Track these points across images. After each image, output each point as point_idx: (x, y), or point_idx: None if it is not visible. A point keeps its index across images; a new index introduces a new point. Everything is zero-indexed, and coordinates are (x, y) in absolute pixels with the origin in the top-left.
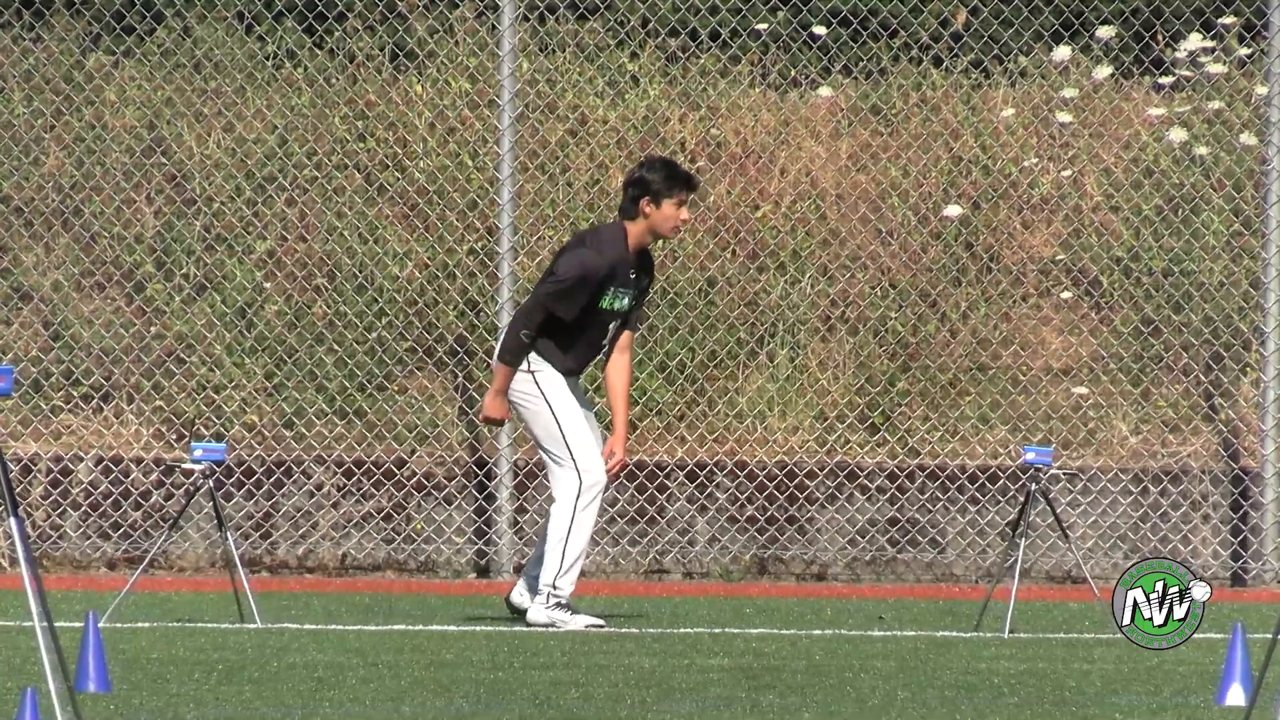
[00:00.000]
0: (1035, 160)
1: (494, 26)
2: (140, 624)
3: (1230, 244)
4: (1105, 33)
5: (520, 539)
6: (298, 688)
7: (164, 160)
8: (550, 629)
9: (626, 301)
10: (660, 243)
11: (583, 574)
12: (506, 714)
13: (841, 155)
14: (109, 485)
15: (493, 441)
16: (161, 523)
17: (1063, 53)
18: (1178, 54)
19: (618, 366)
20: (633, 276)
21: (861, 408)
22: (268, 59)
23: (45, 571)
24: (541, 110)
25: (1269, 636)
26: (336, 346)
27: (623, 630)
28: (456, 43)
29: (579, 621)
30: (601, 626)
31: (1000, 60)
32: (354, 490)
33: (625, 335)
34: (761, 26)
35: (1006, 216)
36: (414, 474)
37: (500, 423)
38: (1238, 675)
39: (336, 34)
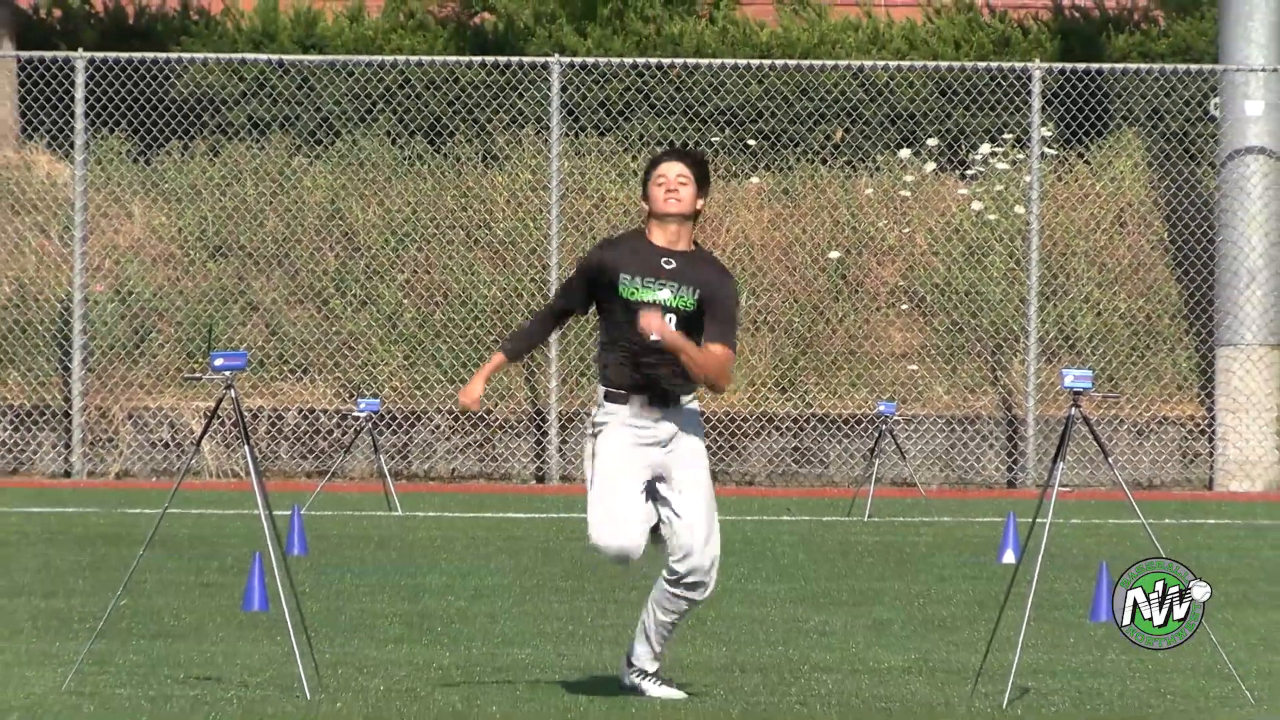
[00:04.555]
0: (886, 223)
1: (546, 140)
2: (326, 512)
3: (1006, 275)
4: (932, 142)
5: (563, 459)
6: (424, 552)
7: (340, 223)
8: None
9: (666, 295)
10: None
11: None
12: (558, 568)
13: (764, 221)
14: (306, 426)
15: (544, 396)
16: (340, 450)
17: (904, 154)
18: (976, 156)
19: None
20: (669, 267)
21: (776, 377)
22: (405, 159)
23: (267, 479)
24: (575, 191)
25: (1030, 520)
26: (448, 339)
27: None
28: (524, 150)
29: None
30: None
31: (863, 160)
32: (458, 429)
33: (715, 347)
34: (715, 139)
35: (867, 258)
36: (496, 418)
37: (471, 410)
38: (1010, 544)
39: (448, 144)
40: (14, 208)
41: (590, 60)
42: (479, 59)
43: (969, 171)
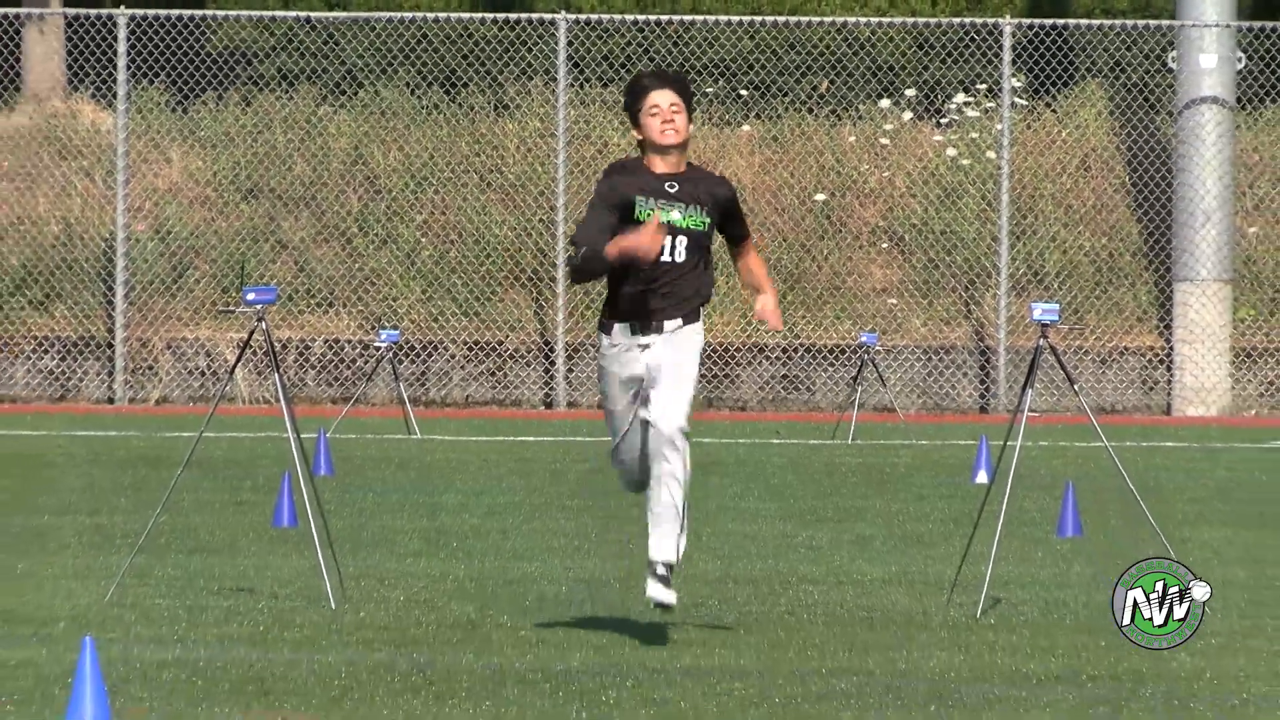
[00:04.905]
0: (868, 168)
1: (554, 91)
2: (350, 435)
3: (979, 216)
4: (910, 92)
5: (570, 386)
6: (440, 473)
7: (363, 168)
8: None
9: (677, 215)
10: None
11: None
12: (564, 487)
13: (755, 165)
14: (331, 355)
15: (552, 328)
16: (362, 378)
17: (884, 104)
18: (950, 105)
19: (748, 265)
20: (673, 190)
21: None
22: (423, 109)
23: (295, 405)
24: (580, 138)
25: (1001, 443)
26: (463, 275)
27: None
28: (532, 100)
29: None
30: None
31: (847, 109)
32: (472, 358)
33: (743, 248)
34: (709, 90)
35: (850, 200)
36: (507, 348)
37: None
38: (982, 465)
39: (463, 94)
40: (61, 153)
41: (594, 16)
42: (491, 15)
43: (944, 120)
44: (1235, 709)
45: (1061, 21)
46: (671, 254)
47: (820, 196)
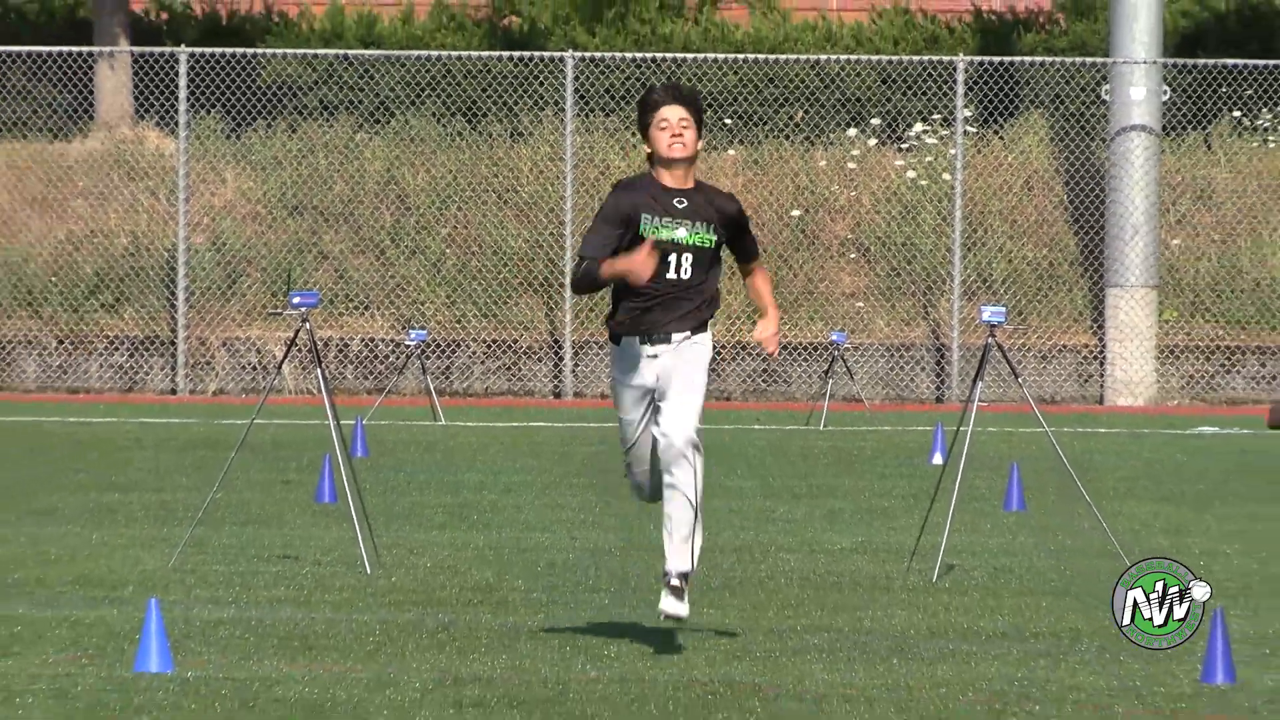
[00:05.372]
0: (837, 188)
1: (562, 120)
2: (383, 422)
3: (935, 229)
4: (875, 121)
5: (576, 379)
6: (462, 454)
7: (394, 187)
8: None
9: (683, 233)
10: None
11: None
12: (571, 467)
13: (739, 186)
14: (367, 352)
15: (560, 328)
16: (394, 371)
17: (852, 132)
18: (910, 133)
19: (754, 284)
20: (681, 206)
21: (749, 313)
22: (447, 135)
23: (334, 396)
24: (586, 161)
25: (954, 428)
26: (482, 281)
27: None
28: (543, 128)
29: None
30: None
31: (819, 136)
32: (491, 354)
33: (751, 266)
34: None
35: (822, 216)
36: (521, 345)
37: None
38: (938, 448)
39: (482, 123)
40: (129, 175)
41: (598, 54)
42: (507, 53)
43: (904, 146)
44: (1165, 659)
45: (1008, 59)
46: (677, 271)
47: (796, 213)
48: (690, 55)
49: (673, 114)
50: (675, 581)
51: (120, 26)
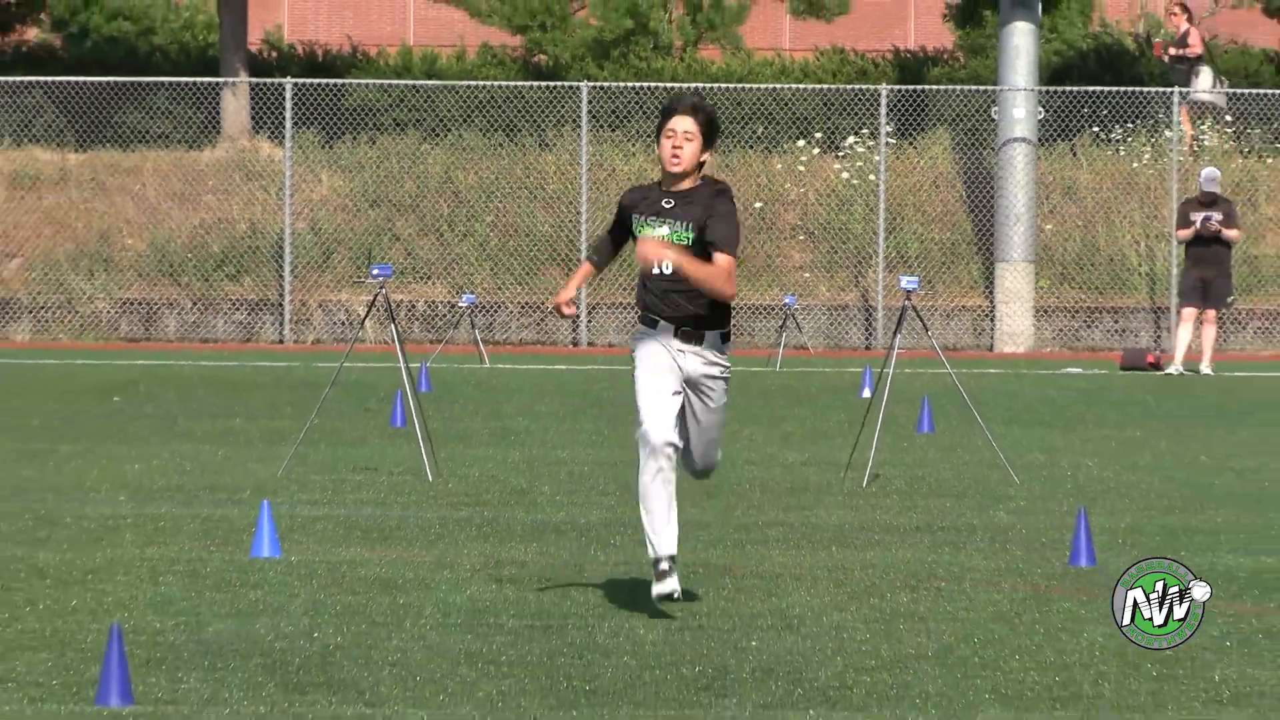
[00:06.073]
0: (789, 186)
1: (578, 134)
2: (442, 365)
3: (864, 218)
4: (818, 135)
5: (589, 331)
6: (503, 390)
7: (451, 185)
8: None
9: (665, 231)
10: None
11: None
12: (587, 401)
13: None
14: (429, 311)
15: (577, 293)
16: (451, 326)
17: (800, 143)
18: (845, 144)
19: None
20: (668, 206)
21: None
22: (491, 145)
23: (405, 344)
24: (596, 166)
25: (879, 370)
26: (519, 257)
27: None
28: (564, 140)
29: (656, 588)
30: (671, 598)
31: (775, 146)
32: (524, 313)
33: (713, 254)
34: None
35: (778, 208)
36: (547, 306)
37: (566, 313)
38: (866, 385)
39: (518, 136)
40: (247, 176)
41: (606, 84)
42: (536, 83)
43: (841, 154)
44: (1041, 547)
45: (919, 87)
46: (660, 265)
47: (758, 205)
48: (676, 84)
49: (679, 125)
50: (664, 565)
51: (240, 62)
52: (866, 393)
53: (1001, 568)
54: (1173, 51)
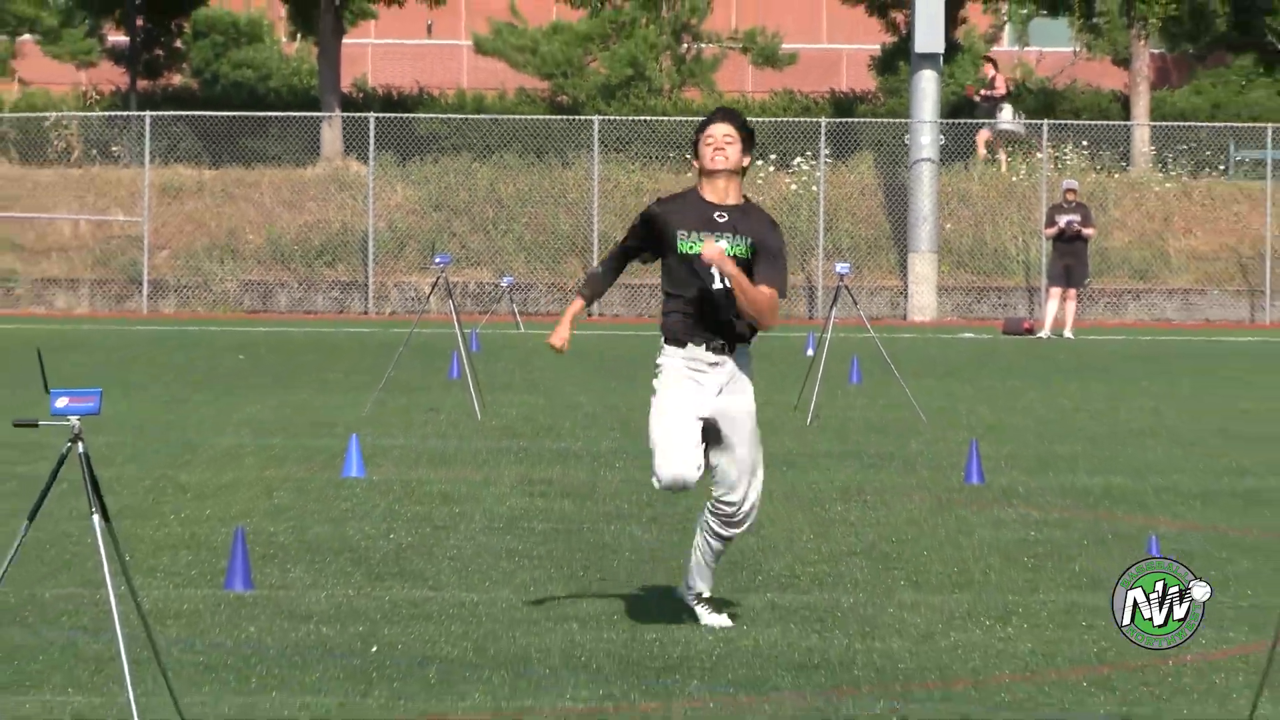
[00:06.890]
0: (754, 196)
1: (591, 156)
2: (488, 331)
3: (809, 219)
4: (773, 156)
5: (599, 307)
6: (535, 351)
7: (494, 194)
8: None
9: (723, 245)
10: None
11: None
12: (601, 360)
13: None
14: (478, 289)
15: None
16: (494, 301)
17: (759, 163)
18: (794, 163)
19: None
20: (721, 220)
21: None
22: (525, 164)
23: (460, 314)
24: (605, 179)
25: (820, 335)
26: (547, 250)
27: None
28: (581, 160)
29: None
30: (725, 625)
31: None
32: (550, 292)
33: (766, 290)
34: (672, 155)
35: (764, 201)
36: (568, 285)
37: (559, 349)
38: (810, 346)
39: (546, 157)
40: (340, 187)
41: (613, 118)
42: (559, 116)
43: (791, 171)
44: (943, 469)
45: (851, 119)
46: (723, 280)
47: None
48: (668, 118)
49: (718, 130)
50: (708, 594)
51: (335, 100)
52: (810, 352)
53: (913, 484)
54: (984, 93)
